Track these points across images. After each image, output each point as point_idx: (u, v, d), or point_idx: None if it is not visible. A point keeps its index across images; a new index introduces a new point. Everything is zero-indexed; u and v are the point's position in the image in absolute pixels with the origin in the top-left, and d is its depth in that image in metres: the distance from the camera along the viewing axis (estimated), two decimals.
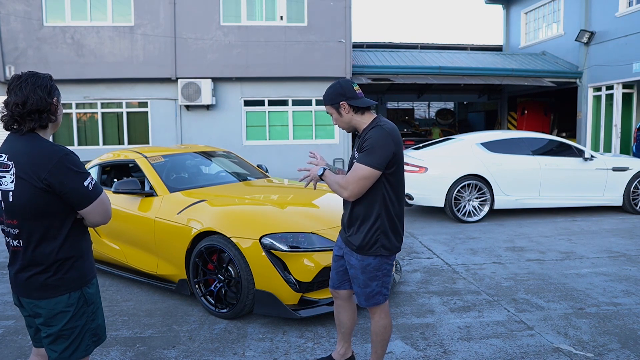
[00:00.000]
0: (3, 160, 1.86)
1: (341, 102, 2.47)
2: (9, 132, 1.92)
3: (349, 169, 2.52)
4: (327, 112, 2.58)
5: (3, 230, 1.94)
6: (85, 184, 1.87)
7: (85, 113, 13.80)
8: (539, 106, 18.00)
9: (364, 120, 2.51)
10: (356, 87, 2.50)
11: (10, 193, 1.83)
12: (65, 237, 1.90)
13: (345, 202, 2.62)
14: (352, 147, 2.57)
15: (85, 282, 1.98)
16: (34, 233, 1.86)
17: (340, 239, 2.75)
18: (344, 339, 2.94)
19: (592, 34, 14.13)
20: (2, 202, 1.87)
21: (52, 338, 1.91)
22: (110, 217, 2.02)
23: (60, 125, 2.07)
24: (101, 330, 2.06)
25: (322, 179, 2.58)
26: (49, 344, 1.93)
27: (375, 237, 2.48)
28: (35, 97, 1.85)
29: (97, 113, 13.82)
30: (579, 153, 7.77)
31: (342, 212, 2.68)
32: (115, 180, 5.44)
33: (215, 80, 13.56)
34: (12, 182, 1.83)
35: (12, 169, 1.83)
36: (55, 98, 1.92)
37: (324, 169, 2.57)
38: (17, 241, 1.89)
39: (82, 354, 1.97)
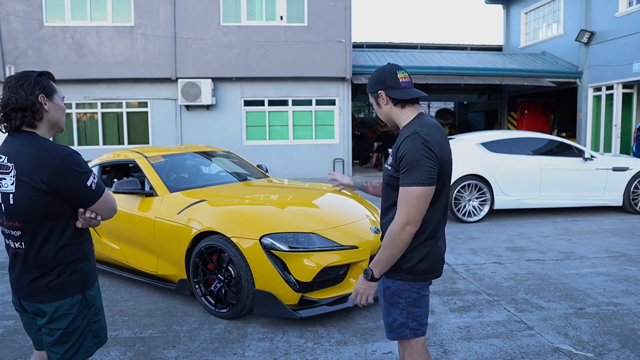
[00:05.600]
0: (3, 161, 1.83)
1: (379, 92, 2.09)
2: (7, 133, 1.90)
3: (383, 179, 2.14)
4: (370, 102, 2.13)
5: (3, 233, 1.91)
6: (88, 183, 1.85)
7: (85, 113, 13.80)
8: (539, 106, 17.98)
9: (404, 116, 2.08)
10: (401, 75, 2.06)
11: (11, 195, 1.80)
12: (68, 240, 1.88)
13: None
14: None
15: (88, 285, 1.96)
16: (37, 235, 1.84)
17: None
18: None
19: (592, 34, 14.12)
20: (2, 205, 1.84)
21: (53, 339, 1.90)
22: (114, 212, 2.01)
23: None
24: (103, 332, 2.05)
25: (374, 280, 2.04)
26: (50, 345, 1.91)
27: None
28: (17, 96, 1.81)
29: (97, 113, 13.82)
30: (579, 153, 7.77)
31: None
32: (115, 180, 5.44)
33: (215, 80, 13.56)
34: (12, 184, 1.80)
35: (13, 171, 1.79)
36: (40, 95, 1.85)
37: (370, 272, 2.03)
38: (18, 243, 1.86)
39: (83, 356, 1.96)
